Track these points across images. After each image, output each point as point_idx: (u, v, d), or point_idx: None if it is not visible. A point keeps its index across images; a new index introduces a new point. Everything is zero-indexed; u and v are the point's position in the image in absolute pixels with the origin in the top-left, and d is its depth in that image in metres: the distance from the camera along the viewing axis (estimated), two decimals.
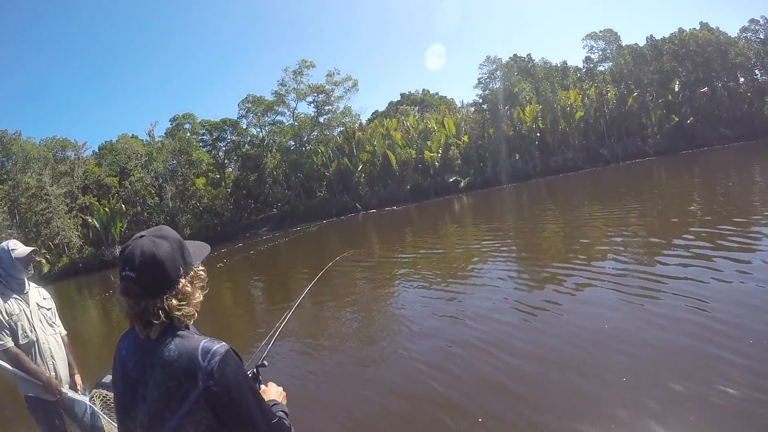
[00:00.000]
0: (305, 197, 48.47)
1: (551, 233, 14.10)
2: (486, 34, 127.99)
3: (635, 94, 48.47)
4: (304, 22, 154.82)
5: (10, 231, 45.86)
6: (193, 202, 48.58)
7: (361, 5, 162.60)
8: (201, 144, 51.24)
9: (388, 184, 46.59)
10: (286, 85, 49.44)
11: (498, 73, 49.57)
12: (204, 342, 1.41)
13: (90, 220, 48.13)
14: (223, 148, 51.18)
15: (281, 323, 2.59)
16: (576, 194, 26.14)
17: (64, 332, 3.95)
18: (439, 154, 46.25)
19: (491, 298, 8.17)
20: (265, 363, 1.98)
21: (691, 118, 47.63)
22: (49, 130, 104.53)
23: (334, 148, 48.99)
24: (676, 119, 47.46)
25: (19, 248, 3.74)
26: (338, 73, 49.35)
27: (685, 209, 14.11)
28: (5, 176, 47.51)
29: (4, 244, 3.80)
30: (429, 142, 46.88)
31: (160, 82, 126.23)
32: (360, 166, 47.27)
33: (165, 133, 50.50)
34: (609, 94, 48.24)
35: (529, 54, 51.80)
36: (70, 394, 3.74)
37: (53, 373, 3.69)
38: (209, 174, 50.52)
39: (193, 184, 48.69)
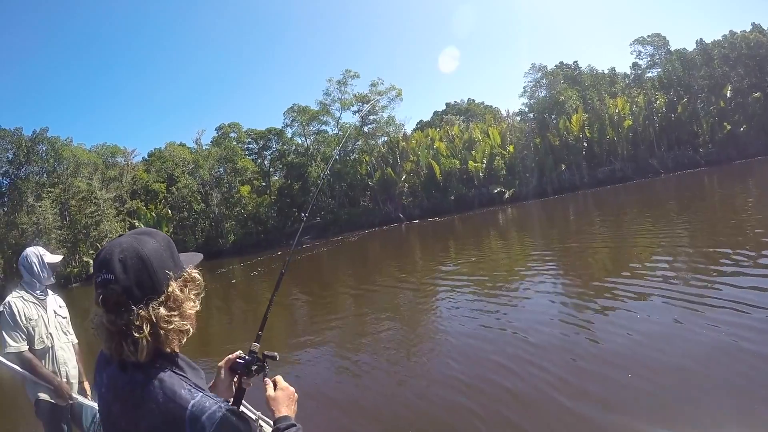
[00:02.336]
0: (349, 206, 48.82)
1: (598, 248, 13.80)
2: (532, 41, 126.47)
3: (685, 101, 47.26)
4: (350, 33, 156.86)
5: (60, 231, 47.70)
6: (237, 209, 49.43)
7: (408, 17, 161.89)
8: (247, 152, 52.12)
9: (431, 195, 46.55)
10: (330, 95, 49.78)
11: (544, 81, 48.99)
12: (192, 405, 1.15)
13: (137, 224, 49.28)
14: (269, 157, 51.80)
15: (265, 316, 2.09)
16: (624, 207, 25.43)
17: (76, 341, 4.00)
18: (484, 165, 45.94)
19: (535, 312, 8.10)
20: (276, 355, 1.65)
21: (744, 126, 46.11)
22: (101, 138, 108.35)
23: (378, 157, 49.11)
24: (729, 127, 46.03)
25: (48, 254, 3.84)
26: (382, 83, 49.64)
27: (738, 224, 13.49)
28: (56, 180, 49.19)
29: (35, 249, 3.90)
30: (473, 152, 46.64)
31: (208, 92, 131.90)
32: (403, 176, 47.34)
33: (211, 142, 51.62)
34: (658, 102, 47.11)
35: (575, 61, 51.11)
36: (80, 399, 3.78)
37: (65, 379, 3.74)
38: (254, 182, 51.22)
39: (238, 191, 49.60)
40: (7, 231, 49.24)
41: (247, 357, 1.61)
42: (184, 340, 1.27)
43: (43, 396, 3.64)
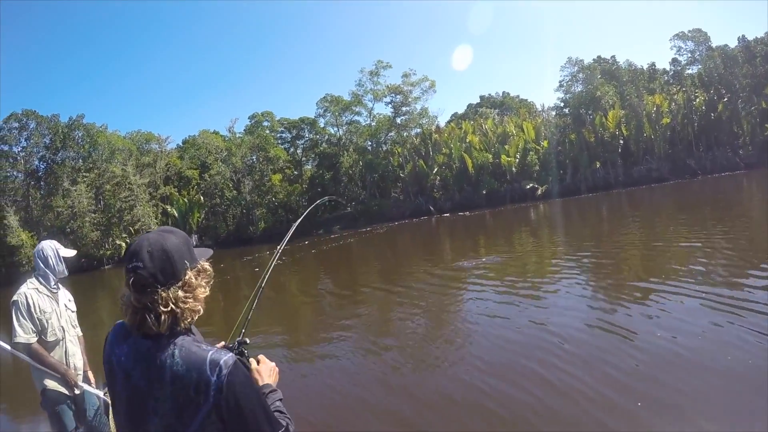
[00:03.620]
0: (379, 197, 48.94)
1: (632, 250, 13.49)
2: (570, 34, 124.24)
3: (725, 100, 46.23)
4: (383, 24, 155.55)
5: (94, 215, 48.57)
6: (269, 197, 49.80)
7: (442, 8, 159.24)
8: (279, 141, 52.30)
9: (463, 188, 46.43)
10: (363, 86, 49.61)
11: (580, 75, 48.18)
12: (212, 354, 1.41)
13: (169, 209, 50.18)
14: (301, 146, 51.99)
15: (251, 305, 2.52)
16: (660, 208, 25.00)
17: (81, 334, 4.11)
18: (517, 160, 45.61)
19: (568, 314, 7.92)
20: (247, 340, 1.96)
21: None
22: (136, 126, 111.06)
23: (411, 149, 48.97)
24: None
25: (63, 248, 3.94)
26: (414, 74, 49.30)
27: None
28: (92, 165, 49.95)
29: (50, 242, 3.98)
30: (507, 147, 46.32)
31: (242, 81, 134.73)
32: (435, 169, 47.29)
33: (244, 130, 51.85)
34: (697, 100, 46.10)
35: (613, 56, 50.04)
36: (86, 386, 3.90)
37: (72, 370, 3.85)
38: (286, 170, 51.48)
39: (269, 179, 49.93)
40: (43, 213, 50.21)
41: (229, 346, 1.87)
42: (196, 317, 1.52)
43: (50, 385, 3.74)
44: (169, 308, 1.42)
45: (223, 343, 1.93)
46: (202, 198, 50.62)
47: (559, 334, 7.00)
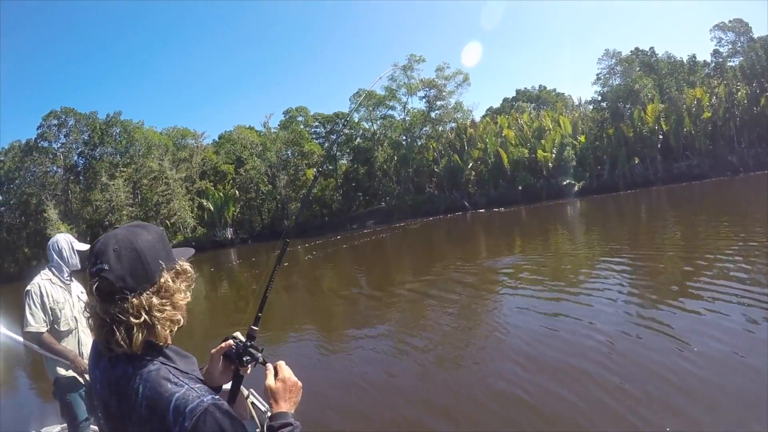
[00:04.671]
0: (414, 193, 49.05)
1: (671, 250, 12.85)
2: (607, 25, 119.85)
3: None
4: (417, 16, 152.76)
5: (131, 208, 49.64)
6: (303, 191, 50.16)
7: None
8: (314, 136, 52.53)
9: (498, 184, 46.29)
10: (396, 80, 49.39)
11: (618, 68, 47.42)
12: (177, 396, 1.17)
13: (205, 203, 50.87)
14: (336, 141, 52.23)
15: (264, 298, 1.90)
16: (701, 207, 24.33)
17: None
18: (554, 155, 45.14)
19: (606, 312, 7.69)
20: (254, 341, 1.57)
21: None
22: (173, 122, 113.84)
23: (445, 144, 48.85)
24: None
25: (77, 242, 4.00)
26: (448, 67, 48.98)
27: None
28: (129, 160, 50.82)
29: (65, 235, 4.05)
30: (543, 142, 45.86)
31: (277, 77, 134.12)
32: (470, 164, 47.14)
33: (279, 125, 52.09)
34: (739, 93, 44.98)
35: (651, 47, 49.13)
36: None
37: (85, 360, 3.80)
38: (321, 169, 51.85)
39: (304, 173, 50.24)
40: (82, 207, 51.26)
41: (238, 344, 1.54)
42: (176, 329, 1.30)
43: (63, 374, 3.79)
44: (141, 319, 1.20)
45: (229, 342, 1.55)
46: (237, 192, 51.20)
47: (605, 332, 6.75)
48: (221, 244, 47.83)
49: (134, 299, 1.20)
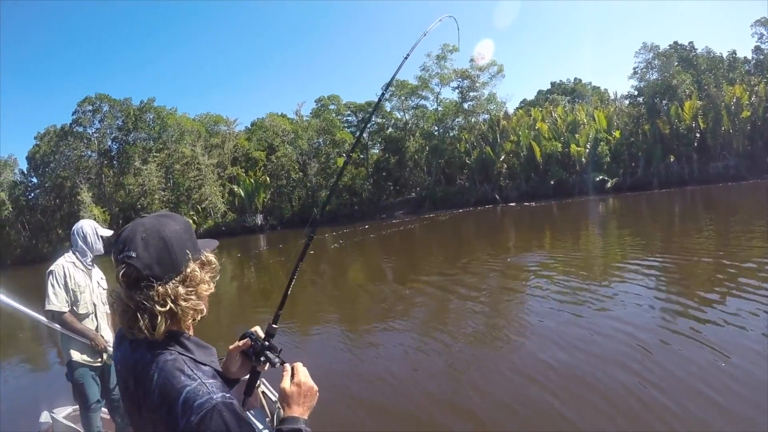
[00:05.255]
0: (445, 184, 49.14)
1: (705, 255, 12.16)
2: (645, 18, 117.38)
3: None
4: (452, 5, 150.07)
5: (163, 193, 50.44)
6: (333, 179, 50.40)
7: None
8: (346, 125, 52.56)
9: (530, 177, 46.15)
10: (429, 70, 49.01)
11: (655, 62, 46.58)
12: (188, 390, 1.18)
13: (236, 189, 51.45)
14: (368, 130, 52.23)
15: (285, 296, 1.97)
16: (738, 210, 23.18)
17: (110, 312, 4.14)
18: (587, 150, 44.66)
19: (640, 316, 7.43)
20: (275, 326, 1.65)
21: None
22: (206, 108, 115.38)
23: (478, 135, 48.68)
24: None
25: (101, 228, 4.12)
26: (482, 58, 48.32)
27: None
28: (162, 145, 51.34)
29: (89, 221, 4.16)
30: (577, 136, 45.38)
31: (309, 66, 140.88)
32: (502, 156, 46.87)
33: (311, 113, 52.17)
34: None
35: (690, 42, 48.10)
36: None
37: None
38: (352, 154, 51.90)
39: (335, 162, 50.47)
40: (115, 190, 52.09)
41: (255, 343, 1.55)
42: (198, 318, 1.34)
43: (76, 357, 3.88)
44: (167, 307, 1.24)
45: (248, 340, 1.57)
46: (268, 179, 51.62)
47: (640, 339, 6.46)
48: (251, 230, 48.52)
49: (160, 287, 1.23)
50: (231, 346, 1.59)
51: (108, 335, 4.09)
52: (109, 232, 3.99)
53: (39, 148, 51.39)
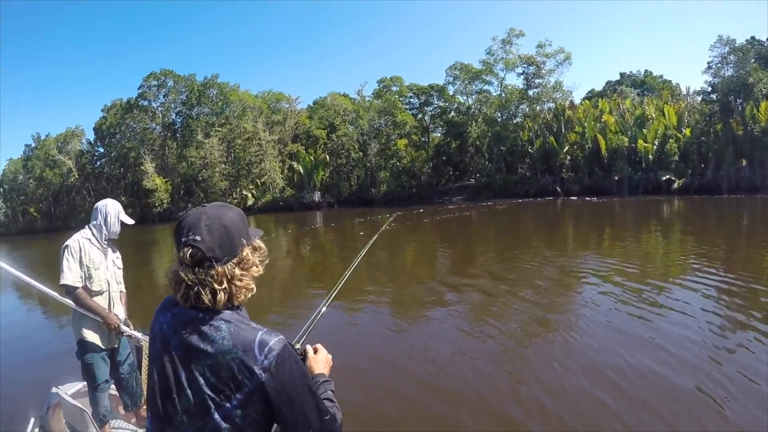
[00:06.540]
0: (505, 172, 49.11)
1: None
2: (723, 9, 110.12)
3: None
4: None
5: (224, 166, 51.51)
6: (393, 161, 50.81)
7: None
8: (408, 107, 52.35)
9: (594, 172, 45.60)
10: (494, 54, 48.14)
11: (731, 57, 44.95)
12: (261, 334, 1.36)
13: (295, 166, 52.23)
14: (429, 113, 51.99)
15: (336, 288, 2.54)
16: None
17: (124, 291, 4.26)
18: (655, 147, 43.81)
19: (682, 327, 7.04)
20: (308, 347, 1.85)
21: None
22: (269, 86, 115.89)
23: (542, 124, 48.13)
24: None
25: (124, 213, 4.12)
26: (549, 44, 47.21)
27: None
28: (224, 120, 52.02)
29: (114, 202, 4.13)
30: (645, 131, 44.51)
31: (373, 45, 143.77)
32: (566, 147, 46.35)
33: (373, 94, 51.99)
34: None
35: None
36: (127, 330, 4.02)
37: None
38: (412, 136, 51.90)
39: (395, 143, 50.65)
40: (178, 162, 53.22)
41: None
42: (249, 296, 1.48)
43: (87, 335, 3.88)
44: (224, 285, 1.39)
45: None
46: (327, 157, 52.14)
47: (708, 347, 6.19)
48: (308, 206, 49.51)
49: (219, 268, 1.38)
50: None
51: (121, 314, 4.11)
52: (130, 221, 4.14)
53: (105, 120, 52.41)
